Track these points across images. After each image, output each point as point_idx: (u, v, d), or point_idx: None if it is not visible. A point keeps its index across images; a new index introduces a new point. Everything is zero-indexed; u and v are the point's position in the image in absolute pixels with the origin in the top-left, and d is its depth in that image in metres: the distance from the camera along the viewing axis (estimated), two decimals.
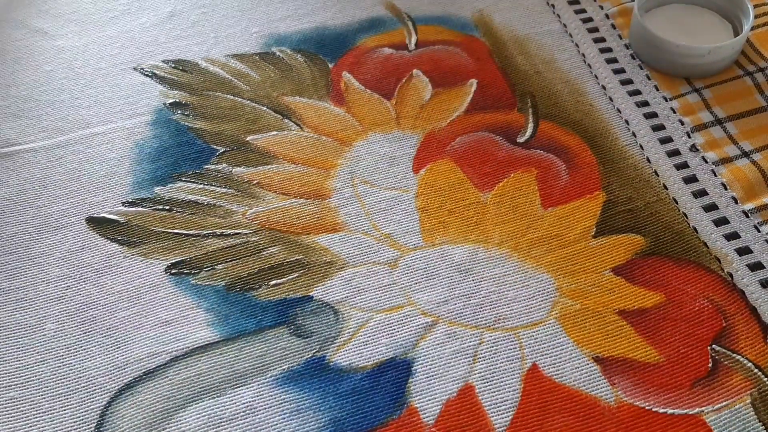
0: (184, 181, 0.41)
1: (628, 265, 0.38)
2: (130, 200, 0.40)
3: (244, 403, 0.33)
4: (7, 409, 0.33)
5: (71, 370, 0.34)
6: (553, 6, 0.51)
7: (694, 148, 0.42)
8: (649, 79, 0.46)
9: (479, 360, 0.34)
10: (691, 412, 0.33)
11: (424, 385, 0.34)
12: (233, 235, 0.39)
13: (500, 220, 0.39)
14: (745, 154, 0.42)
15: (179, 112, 0.44)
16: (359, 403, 0.33)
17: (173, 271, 0.37)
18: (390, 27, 0.50)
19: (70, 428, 0.32)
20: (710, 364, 0.34)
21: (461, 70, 0.47)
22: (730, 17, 0.47)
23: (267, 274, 0.37)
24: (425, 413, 0.33)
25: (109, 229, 0.39)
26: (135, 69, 0.47)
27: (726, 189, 0.41)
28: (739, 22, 0.46)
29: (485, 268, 0.38)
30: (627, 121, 0.44)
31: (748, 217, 0.39)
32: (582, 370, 0.34)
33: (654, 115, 0.44)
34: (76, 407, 0.33)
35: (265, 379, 0.34)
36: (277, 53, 0.48)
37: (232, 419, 0.32)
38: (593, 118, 0.44)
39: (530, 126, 0.44)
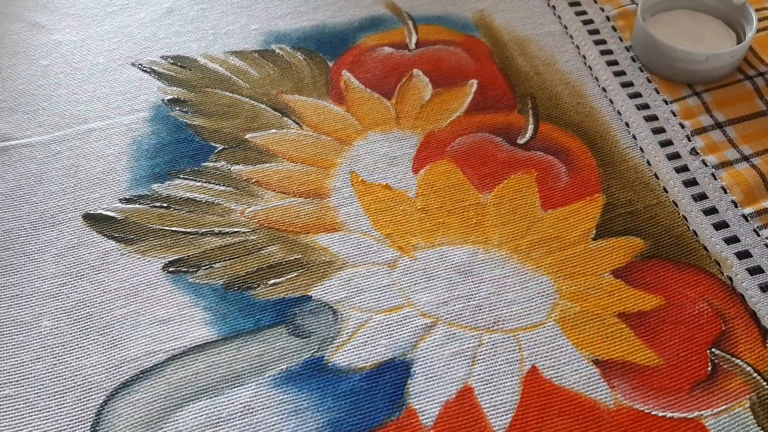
0: (182, 178, 0.41)
1: (627, 267, 0.38)
2: (128, 197, 0.40)
3: (241, 403, 0.33)
4: (2, 407, 0.33)
5: (67, 368, 0.34)
6: (554, 7, 0.51)
7: (694, 152, 0.42)
8: (649, 81, 0.46)
9: (478, 362, 0.34)
10: (690, 416, 0.33)
11: (423, 387, 0.33)
12: (232, 233, 0.38)
13: (500, 221, 0.39)
14: (745, 158, 0.42)
15: (177, 108, 0.44)
16: (358, 404, 0.33)
17: (171, 269, 0.37)
18: (390, 26, 0.49)
19: (65, 427, 0.32)
20: (710, 368, 0.34)
21: (462, 71, 0.47)
22: (734, 25, 0.47)
23: (265, 273, 0.37)
24: (424, 415, 0.33)
25: (106, 225, 0.39)
26: (133, 64, 0.46)
27: (726, 193, 0.41)
28: (743, 31, 0.46)
29: (485, 270, 0.37)
30: (627, 124, 0.44)
31: (747, 221, 0.39)
32: (581, 372, 0.34)
33: (654, 118, 0.44)
34: (71, 406, 0.33)
35: (263, 379, 0.33)
36: (277, 51, 0.47)
37: (230, 419, 0.32)
38: (594, 120, 0.44)
39: (530, 127, 0.44)
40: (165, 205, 0.39)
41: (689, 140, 0.43)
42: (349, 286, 0.37)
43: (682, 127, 0.44)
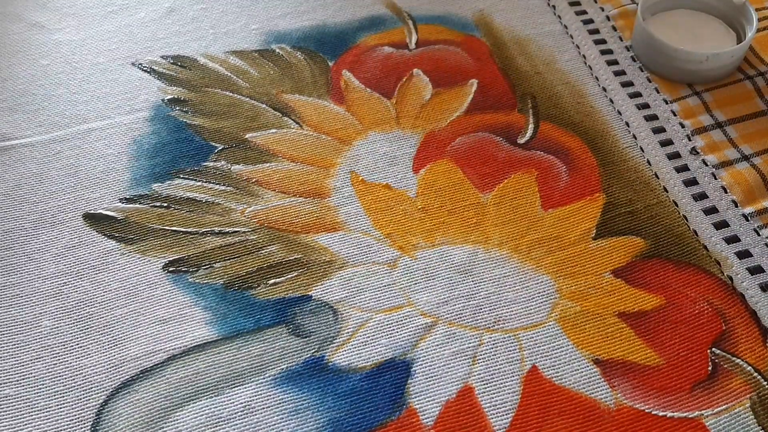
0: (183, 178, 0.41)
1: (628, 267, 0.38)
2: (128, 197, 0.40)
3: (242, 403, 0.33)
4: (2, 406, 0.33)
5: (67, 367, 0.34)
6: (554, 7, 0.51)
7: (694, 151, 0.42)
8: (649, 81, 0.46)
9: (479, 361, 0.34)
10: (690, 416, 0.33)
11: (424, 386, 0.33)
12: (232, 233, 0.38)
13: (500, 221, 0.39)
14: (745, 158, 0.42)
15: (178, 108, 0.44)
16: (358, 404, 0.33)
17: (171, 269, 0.37)
18: (390, 26, 0.49)
19: (65, 427, 0.32)
20: (710, 368, 0.34)
21: (462, 70, 0.47)
22: (735, 25, 0.47)
23: (266, 272, 0.37)
24: (424, 414, 0.33)
25: (106, 225, 0.39)
26: (133, 64, 0.46)
27: (726, 192, 0.41)
28: (743, 30, 0.46)
29: (485, 269, 0.37)
30: (627, 123, 0.44)
31: (748, 220, 0.39)
32: (582, 372, 0.34)
33: (654, 117, 0.44)
34: (72, 405, 0.33)
35: (264, 378, 0.33)
36: (277, 50, 0.47)
37: (230, 419, 0.32)
38: (594, 120, 0.44)
39: (531, 127, 0.44)
40: (165, 204, 0.39)
41: (689, 140, 0.43)
42: (350, 285, 0.37)
43: (683, 126, 0.44)
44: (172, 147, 0.42)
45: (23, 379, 0.33)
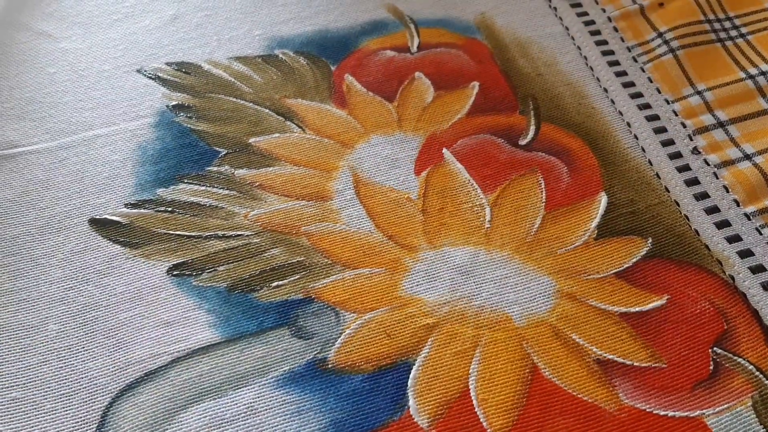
0: (187, 183, 0.41)
1: (629, 267, 0.38)
2: (133, 202, 0.40)
3: (245, 405, 0.33)
4: (9, 409, 0.33)
5: (73, 371, 0.34)
6: (555, 9, 0.51)
7: (696, 151, 0.42)
8: (650, 81, 0.46)
9: (480, 362, 0.34)
10: (692, 415, 0.33)
11: (425, 387, 0.34)
12: (235, 236, 0.39)
13: (502, 222, 0.39)
14: (747, 157, 0.42)
15: (182, 114, 0.44)
16: (360, 405, 0.33)
17: (175, 273, 0.37)
18: (392, 30, 0.50)
19: (71, 429, 0.32)
20: (711, 367, 0.34)
21: (463, 73, 0.47)
22: None
23: (268, 275, 0.37)
24: None
25: (111, 230, 0.39)
26: (138, 71, 0.47)
27: (728, 192, 0.41)
28: None
29: (486, 270, 0.38)
30: (629, 124, 0.44)
31: (750, 219, 0.39)
32: (583, 372, 0.34)
33: (656, 117, 0.44)
34: (77, 408, 0.33)
35: (266, 380, 0.34)
36: (280, 56, 0.48)
37: (233, 420, 0.33)
38: (595, 121, 0.44)
39: (532, 128, 0.44)
40: (169, 209, 0.40)
41: (691, 139, 0.43)
42: (352, 287, 0.37)
43: (684, 126, 0.44)
44: (176, 152, 0.43)
45: (30, 382, 0.34)
